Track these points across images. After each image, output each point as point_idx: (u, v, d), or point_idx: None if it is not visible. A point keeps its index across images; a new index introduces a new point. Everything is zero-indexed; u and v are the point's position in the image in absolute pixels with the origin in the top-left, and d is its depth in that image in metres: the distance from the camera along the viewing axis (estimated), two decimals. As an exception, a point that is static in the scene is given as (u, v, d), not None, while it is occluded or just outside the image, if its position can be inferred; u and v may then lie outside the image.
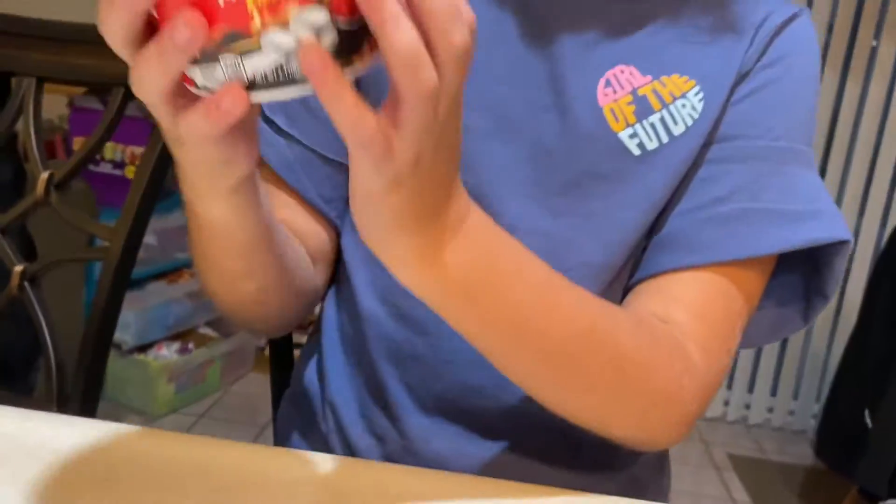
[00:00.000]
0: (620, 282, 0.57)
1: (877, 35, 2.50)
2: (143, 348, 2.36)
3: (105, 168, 2.42)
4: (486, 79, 0.52)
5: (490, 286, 0.41)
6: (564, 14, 0.53)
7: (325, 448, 0.65)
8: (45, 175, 0.79)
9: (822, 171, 2.60)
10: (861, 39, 2.50)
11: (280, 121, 0.59)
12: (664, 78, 0.54)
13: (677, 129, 0.54)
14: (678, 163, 0.54)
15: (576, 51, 0.53)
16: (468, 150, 0.40)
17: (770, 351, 2.76)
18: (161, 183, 0.76)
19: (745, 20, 0.55)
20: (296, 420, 0.70)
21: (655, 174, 0.54)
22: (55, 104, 2.61)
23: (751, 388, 2.80)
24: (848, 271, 2.64)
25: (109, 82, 0.79)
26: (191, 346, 2.44)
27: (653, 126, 0.53)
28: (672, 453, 2.26)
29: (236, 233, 0.45)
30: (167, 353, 2.41)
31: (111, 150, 2.41)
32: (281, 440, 0.71)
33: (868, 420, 1.81)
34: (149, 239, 2.43)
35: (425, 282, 0.40)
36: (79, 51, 0.81)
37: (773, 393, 2.80)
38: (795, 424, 2.72)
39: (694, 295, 0.52)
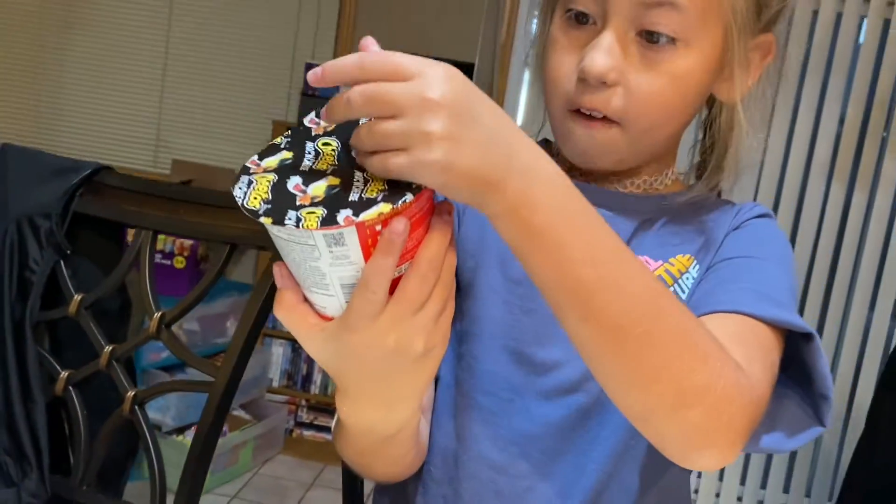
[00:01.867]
0: None
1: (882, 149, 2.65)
2: (181, 430, 2.47)
3: (156, 258, 2.58)
4: None
5: (571, 217, 0.49)
6: None
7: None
8: (157, 315, 0.94)
9: (829, 284, 2.72)
10: (867, 154, 2.66)
11: None
12: (672, 259, 0.68)
13: (685, 296, 0.67)
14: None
15: None
16: None
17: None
18: (261, 330, 0.90)
19: (736, 212, 0.71)
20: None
21: None
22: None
23: (763, 485, 2.86)
24: (858, 371, 2.73)
25: (215, 239, 0.94)
26: (226, 428, 2.55)
27: None
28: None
29: (410, 427, 0.57)
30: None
31: (162, 241, 2.58)
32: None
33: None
34: (191, 325, 2.59)
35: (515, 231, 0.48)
36: (189, 209, 0.96)
37: (786, 490, 2.86)
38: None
39: (726, 330, 0.58)
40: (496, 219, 0.49)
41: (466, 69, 2.69)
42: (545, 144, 0.72)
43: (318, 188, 0.46)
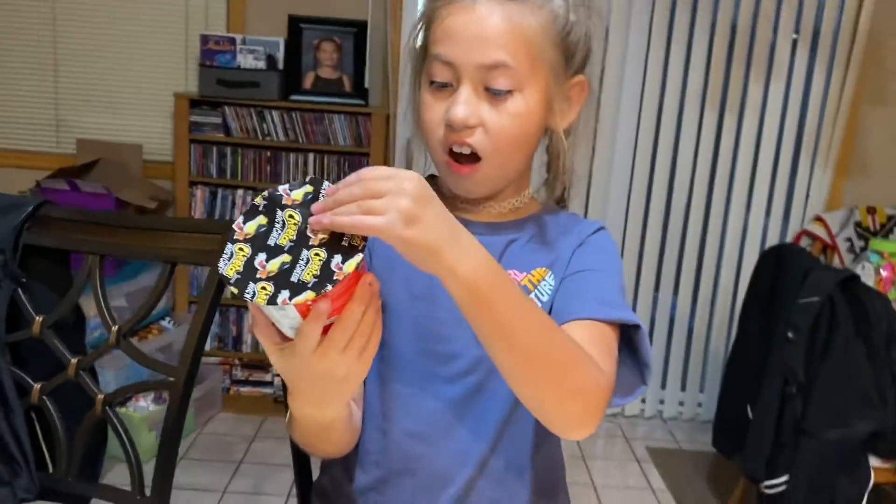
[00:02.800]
0: None
1: (746, 74, 2.92)
2: (123, 402, 2.60)
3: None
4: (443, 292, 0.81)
5: (494, 286, 0.68)
6: None
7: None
8: (115, 328, 1.09)
9: (708, 200, 3.03)
10: (734, 80, 2.93)
11: None
12: (533, 271, 0.89)
13: (543, 299, 0.89)
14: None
15: None
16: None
17: (677, 351, 3.18)
18: (208, 332, 1.06)
19: (579, 230, 0.92)
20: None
21: None
22: (22, 180, 2.82)
23: (663, 385, 3.22)
24: (738, 280, 3.07)
25: (157, 259, 1.09)
26: (164, 395, 2.69)
27: (533, 299, 0.87)
28: (599, 451, 2.69)
29: (341, 420, 0.76)
30: (145, 404, 2.66)
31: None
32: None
33: (750, 414, 2.20)
34: (118, 302, 2.69)
35: (453, 284, 0.67)
36: (129, 234, 1.10)
37: (683, 388, 3.22)
38: (704, 415, 3.14)
39: (583, 335, 0.80)
40: (441, 278, 0.68)
41: (360, 27, 2.80)
42: (432, 179, 0.91)
43: (274, 264, 0.63)
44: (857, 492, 1.99)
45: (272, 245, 0.64)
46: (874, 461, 1.98)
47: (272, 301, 0.61)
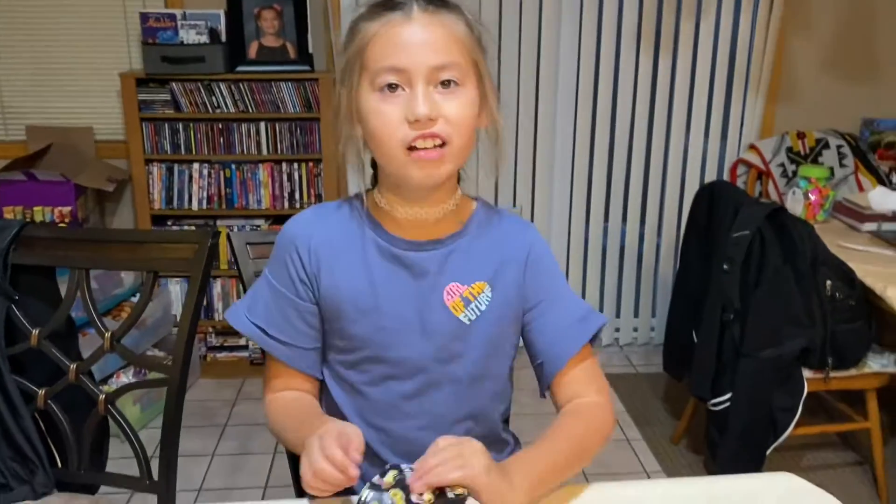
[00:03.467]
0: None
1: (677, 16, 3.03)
2: (105, 380, 2.70)
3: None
4: (394, 299, 1.01)
5: (545, 484, 0.94)
6: (422, 264, 1.02)
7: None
8: (108, 334, 1.19)
9: (649, 135, 3.17)
10: (666, 19, 3.03)
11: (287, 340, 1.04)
12: (472, 285, 1.03)
13: (481, 309, 1.03)
14: (488, 323, 1.04)
15: (432, 280, 1.02)
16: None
17: (629, 278, 3.36)
18: (193, 338, 1.17)
19: (513, 241, 1.07)
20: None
21: (479, 331, 1.04)
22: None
23: (618, 314, 3.41)
24: (681, 207, 3.24)
25: (139, 269, 1.18)
26: (144, 370, 2.80)
27: (472, 310, 1.02)
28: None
29: None
30: (126, 379, 2.75)
31: (41, 213, 2.68)
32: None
33: (695, 339, 2.39)
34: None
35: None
36: (111, 248, 1.20)
37: (636, 314, 3.42)
38: (657, 339, 3.34)
39: (583, 374, 1.06)
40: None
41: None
42: (348, 202, 1.05)
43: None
44: (792, 402, 2.20)
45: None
46: (807, 373, 2.19)
47: None
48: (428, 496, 0.81)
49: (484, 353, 1.05)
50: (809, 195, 2.58)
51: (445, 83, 0.93)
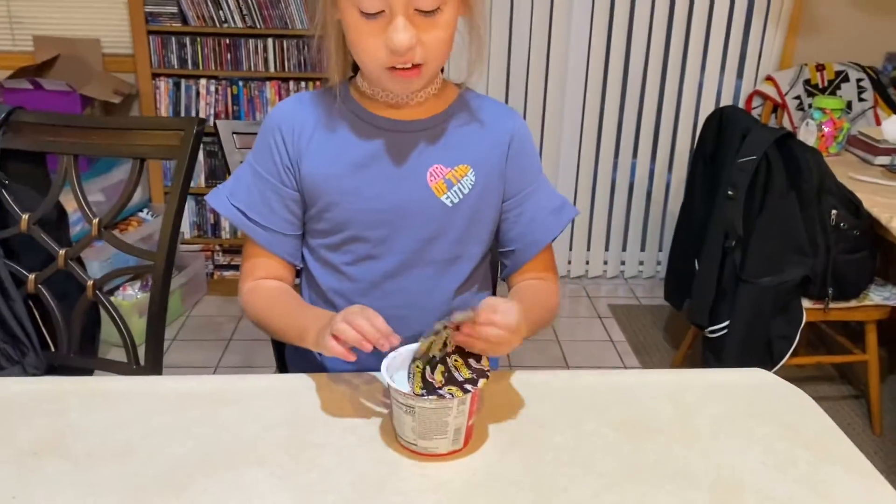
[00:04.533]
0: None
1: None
2: (112, 291, 2.75)
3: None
4: (376, 180, 1.00)
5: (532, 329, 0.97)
6: (405, 146, 1.02)
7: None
8: (96, 221, 1.20)
9: (664, 68, 3.10)
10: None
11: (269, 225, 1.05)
12: (455, 168, 1.03)
13: (465, 192, 1.04)
14: (469, 206, 1.05)
15: (414, 161, 1.02)
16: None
17: (637, 213, 3.34)
18: (180, 222, 1.18)
19: (497, 126, 1.06)
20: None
21: (461, 214, 1.05)
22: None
23: (624, 247, 3.40)
24: (694, 143, 3.19)
25: (126, 156, 1.19)
26: (150, 282, 2.83)
27: (454, 192, 1.03)
28: (564, 310, 2.89)
29: None
30: (132, 291, 2.80)
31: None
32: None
33: (696, 266, 2.39)
34: (96, 197, 2.78)
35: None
36: (99, 133, 1.20)
37: (643, 248, 3.41)
38: (662, 273, 3.33)
39: (545, 258, 1.11)
40: None
41: None
42: (331, 90, 1.04)
43: (439, 374, 0.84)
44: (790, 330, 2.20)
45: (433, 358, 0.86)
46: (806, 303, 2.18)
47: (465, 391, 0.82)
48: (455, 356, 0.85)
49: (463, 235, 1.06)
50: (823, 127, 2.53)
51: (425, 11, 0.92)
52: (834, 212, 2.09)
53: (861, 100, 2.94)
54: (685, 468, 0.80)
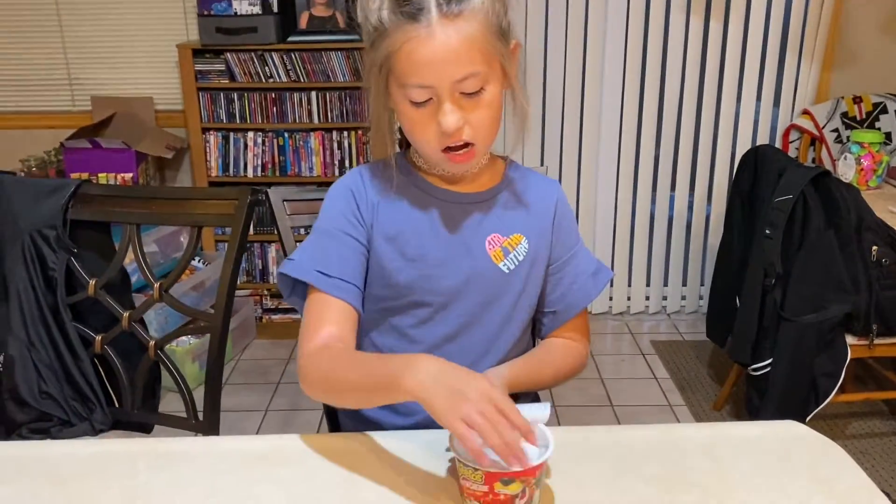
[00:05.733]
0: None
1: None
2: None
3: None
4: (439, 248, 1.08)
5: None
6: (465, 217, 1.09)
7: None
8: (157, 285, 1.28)
9: (699, 101, 3.14)
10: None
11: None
12: (510, 237, 1.10)
13: (519, 259, 1.11)
14: (524, 272, 1.12)
15: (473, 231, 1.09)
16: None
17: (677, 247, 3.35)
18: (234, 287, 1.25)
19: (544, 198, 1.14)
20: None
21: (516, 279, 1.12)
22: (45, 140, 3.00)
23: (665, 282, 3.41)
24: (731, 175, 3.20)
25: (185, 223, 1.27)
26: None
27: (511, 259, 1.10)
28: (607, 347, 2.91)
29: None
30: (185, 338, 2.91)
31: (104, 179, 2.83)
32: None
33: (738, 304, 2.39)
34: (150, 248, 2.91)
35: None
36: (159, 203, 1.28)
37: (684, 283, 3.41)
38: (705, 307, 3.32)
39: (576, 323, 1.19)
40: None
41: (348, -39, 2.88)
42: (404, 153, 1.11)
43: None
44: (835, 367, 2.19)
45: None
46: (850, 339, 2.17)
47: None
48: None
49: (516, 300, 1.13)
50: (862, 160, 2.53)
51: (469, 93, 0.98)
52: (875, 248, 2.09)
53: (901, 131, 2.93)
54: (720, 523, 0.83)
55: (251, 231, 3.18)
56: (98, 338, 1.33)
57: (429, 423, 1.03)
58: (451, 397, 0.83)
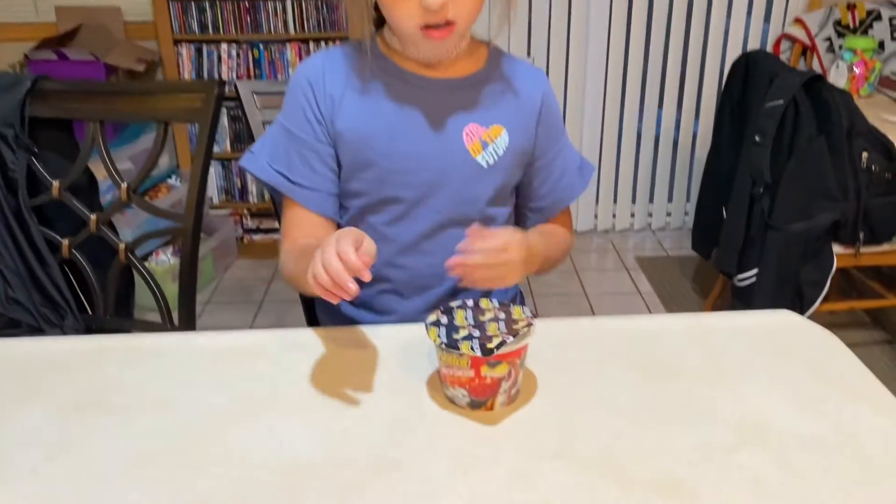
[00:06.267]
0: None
1: None
2: (145, 258, 2.80)
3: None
4: (412, 140, 1.01)
5: (541, 256, 1.01)
6: (440, 105, 1.01)
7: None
8: (124, 185, 1.22)
9: (689, 14, 3.04)
10: None
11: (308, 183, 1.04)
12: (490, 128, 1.03)
13: (499, 153, 1.04)
14: (503, 168, 1.05)
15: (449, 121, 1.02)
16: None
17: (663, 163, 3.30)
18: (206, 182, 1.19)
19: (529, 89, 1.06)
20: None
21: (495, 175, 1.05)
22: (8, 52, 2.87)
23: (651, 198, 3.37)
24: (721, 89, 3.13)
25: (150, 120, 1.20)
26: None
27: (489, 153, 1.03)
28: (592, 263, 2.88)
29: None
30: (165, 257, 2.85)
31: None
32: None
33: (724, 215, 2.36)
34: (125, 165, 2.82)
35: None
36: (121, 99, 1.21)
37: (670, 199, 3.38)
38: (690, 223, 3.30)
39: (563, 217, 1.16)
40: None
41: None
42: (358, 44, 1.03)
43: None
44: (820, 276, 2.18)
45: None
46: (837, 248, 2.16)
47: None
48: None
49: (496, 196, 1.07)
50: (854, 68, 2.47)
51: None
52: (865, 154, 2.06)
53: (894, 39, 2.86)
54: (710, 409, 0.81)
55: (228, 148, 3.10)
56: (65, 241, 1.27)
57: (406, 321, 1.00)
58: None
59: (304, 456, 0.75)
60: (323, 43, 2.86)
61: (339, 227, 1.09)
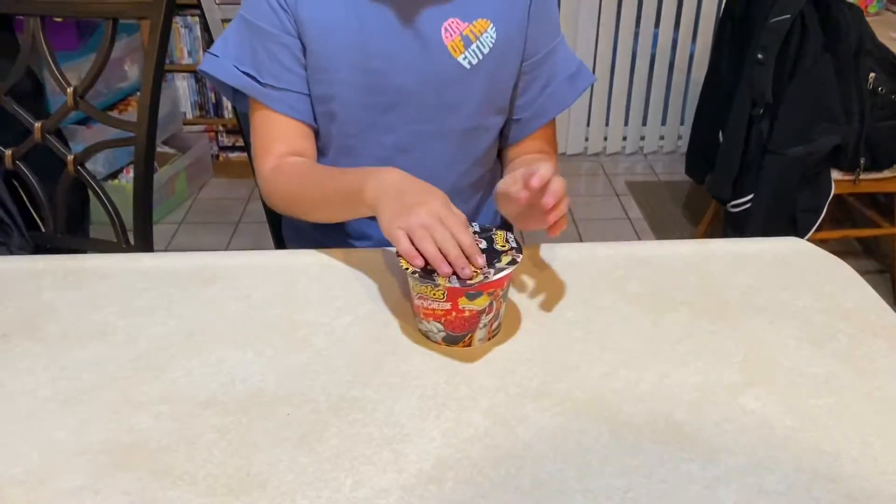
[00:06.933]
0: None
1: None
2: (115, 174, 2.67)
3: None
4: (382, 35, 0.88)
5: None
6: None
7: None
8: (70, 90, 1.11)
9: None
10: None
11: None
12: (473, 23, 0.90)
13: (484, 51, 0.91)
14: (489, 69, 0.92)
15: (426, 14, 0.89)
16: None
17: (658, 85, 3.18)
18: (159, 86, 1.08)
19: None
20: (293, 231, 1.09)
21: (480, 77, 0.93)
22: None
23: (644, 121, 3.26)
24: (720, 8, 2.99)
25: (98, 16, 1.08)
26: (155, 164, 2.75)
27: (473, 52, 0.90)
28: (581, 189, 2.80)
29: None
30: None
31: None
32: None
33: (721, 138, 2.26)
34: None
35: None
36: (67, -9, 1.08)
37: (663, 122, 3.26)
38: (683, 147, 3.20)
39: (548, 134, 1.01)
40: None
41: None
42: None
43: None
44: (817, 202, 2.10)
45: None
46: (836, 174, 2.07)
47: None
48: None
49: (483, 103, 0.95)
50: (863, -17, 2.33)
51: None
52: (872, 75, 1.95)
53: (906, -47, 2.71)
54: (711, 344, 0.73)
55: (201, 59, 2.93)
56: (8, 152, 1.16)
57: (384, 247, 0.91)
58: (400, 209, 0.73)
59: (258, 393, 0.67)
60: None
61: (317, 134, 0.99)
